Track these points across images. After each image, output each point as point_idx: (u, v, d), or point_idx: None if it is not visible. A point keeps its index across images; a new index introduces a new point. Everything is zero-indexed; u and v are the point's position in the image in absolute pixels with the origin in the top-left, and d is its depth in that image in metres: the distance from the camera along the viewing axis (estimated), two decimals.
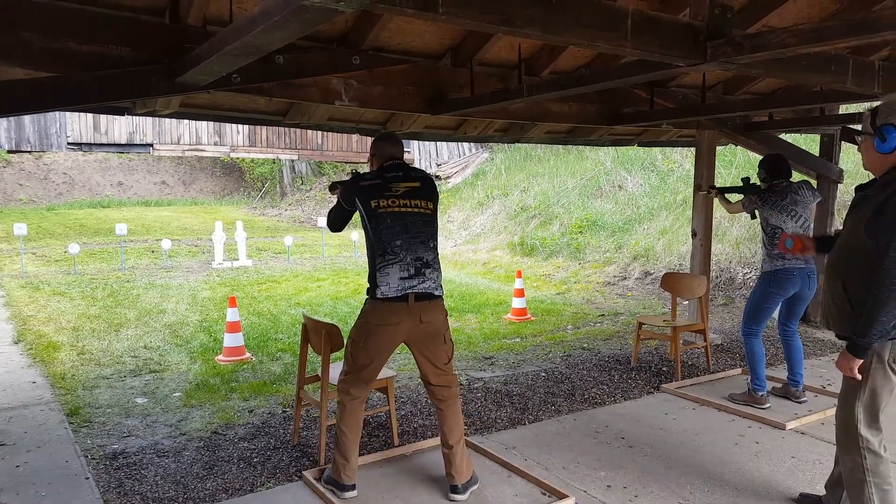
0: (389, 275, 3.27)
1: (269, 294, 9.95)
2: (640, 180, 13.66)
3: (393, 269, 3.27)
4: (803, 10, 4.59)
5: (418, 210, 3.34)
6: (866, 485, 2.83)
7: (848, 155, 9.29)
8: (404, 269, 3.27)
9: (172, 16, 3.47)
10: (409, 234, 3.29)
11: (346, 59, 4.04)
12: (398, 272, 3.27)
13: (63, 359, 6.21)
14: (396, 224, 3.28)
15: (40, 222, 19.97)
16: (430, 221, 3.39)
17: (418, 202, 3.36)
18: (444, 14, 2.09)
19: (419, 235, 3.32)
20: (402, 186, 3.35)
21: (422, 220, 3.35)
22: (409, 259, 3.28)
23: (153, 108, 4.32)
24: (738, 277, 9.36)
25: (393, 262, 3.27)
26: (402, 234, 3.28)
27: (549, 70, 4.87)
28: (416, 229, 3.31)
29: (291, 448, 4.14)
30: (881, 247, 2.64)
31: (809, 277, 4.71)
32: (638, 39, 2.52)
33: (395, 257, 3.27)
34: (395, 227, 3.28)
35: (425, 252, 3.33)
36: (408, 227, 3.30)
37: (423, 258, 3.31)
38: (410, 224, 3.31)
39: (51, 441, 4.23)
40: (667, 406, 4.90)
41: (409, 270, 3.28)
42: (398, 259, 3.27)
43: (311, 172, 26.27)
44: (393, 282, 3.27)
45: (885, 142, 2.78)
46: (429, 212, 3.39)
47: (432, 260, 3.36)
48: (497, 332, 7.43)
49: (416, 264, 3.29)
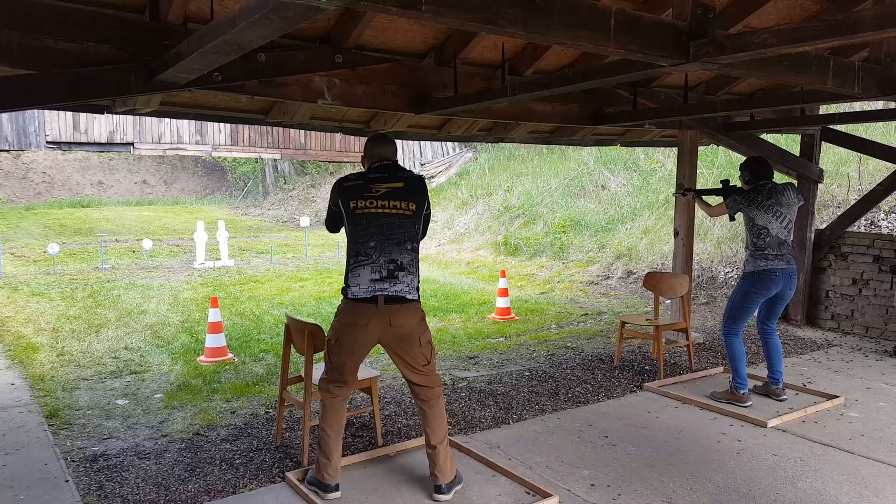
0: (360, 276, 3.28)
1: (252, 294, 9.89)
2: (623, 180, 13.73)
3: (364, 270, 3.27)
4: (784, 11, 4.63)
5: (396, 211, 3.31)
6: None
7: (828, 155, 9.41)
8: (376, 270, 3.27)
9: (152, 13, 3.43)
10: (384, 235, 3.28)
11: (328, 57, 4.01)
12: (369, 273, 3.27)
13: (42, 360, 6.12)
14: (372, 226, 3.27)
15: (19, 222, 19.71)
16: (409, 223, 3.35)
17: (398, 203, 3.32)
18: (428, 13, 2.08)
19: (394, 237, 3.30)
20: (384, 187, 3.33)
21: (399, 221, 3.31)
22: (381, 261, 3.27)
23: (133, 106, 4.27)
24: (720, 276, 9.43)
25: (365, 263, 3.27)
26: (377, 236, 3.27)
27: (533, 70, 4.87)
28: (391, 231, 3.29)
29: (274, 449, 4.11)
30: None
31: (791, 278, 4.75)
32: (621, 39, 2.52)
33: (367, 259, 3.27)
34: (371, 228, 3.27)
35: (400, 254, 3.31)
36: (383, 229, 3.28)
37: (397, 260, 3.29)
38: (386, 225, 3.29)
39: (30, 443, 4.16)
40: (650, 404, 4.92)
41: (380, 272, 3.27)
42: (370, 261, 3.27)
43: (293, 172, 26.15)
44: (363, 283, 3.27)
45: None
46: (408, 213, 3.34)
47: (408, 263, 3.33)
48: (481, 332, 7.43)
49: (388, 266, 3.28)
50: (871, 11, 2.40)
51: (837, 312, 7.35)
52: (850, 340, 6.95)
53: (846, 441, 4.21)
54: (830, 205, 9.11)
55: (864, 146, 7.29)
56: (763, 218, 4.70)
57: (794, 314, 7.48)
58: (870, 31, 2.40)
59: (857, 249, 7.16)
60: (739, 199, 4.81)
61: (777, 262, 4.69)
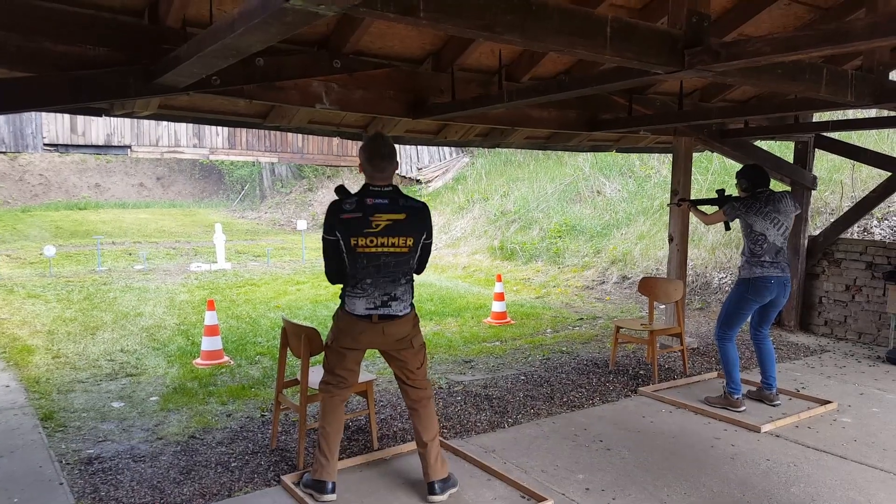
0: (356, 304, 3.38)
1: (248, 297, 9.88)
2: (619, 186, 13.77)
3: (360, 301, 3.38)
4: (778, 20, 4.68)
5: (394, 249, 3.31)
6: None
7: (821, 162, 9.47)
8: (371, 301, 3.37)
9: (151, 17, 3.44)
10: (381, 273, 3.34)
11: (327, 62, 4.04)
12: (364, 304, 3.37)
13: (37, 362, 6.12)
14: (370, 265, 3.32)
15: (15, 224, 19.66)
16: (405, 260, 3.37)
17: (395, 240, 3.29)
18: (426, 19, 2.10)
19: (390, 275, 3.36)
20: (384, 220, 3.27)
21: (395, 259, 3.33)
22: (376, 294, 3.37)
23: (132, 109, 4.28)
24: (714, 282, 9.47)
25: (361, 296, 3.37)
26: (374, 275, 3.34)
27: (530, 76, 4.90)
28: (388, 269, 3.35)
29: (270, 452, 4.11)
30: None
31: (785, 286, 4.79)
32: (617, 46, 2.55)
33: (363, 292, 3.36)
34: (369, 267, 3.32)
35: (394, 288, 3.39)
36: (380, 269, 3.33)
37: (390, 293, 3.38)
38: (384, 265, 3.33)
39: (24, 446, 4.16)
40: (644, 409, 4.94)
41: (374, 303, 3.37)
42: (366, 294, 3.36)
43: (291, 175, 26.15)
44: (358, 309, 3.38)
45: None
46: (405, 250, 3.33)
47: (401, 293, 3.42)
48: (477, 336, 7.45)
49: (382, 298, 3.38)
50: (863, 21, 2.43)
51: (831, 318, 7.38)
52: (843, 346, 6.98)
53: (839, 446, 4.23)
54: (824, 211, 9.16)
55: (858, 153, 7.34)
56: (761, 224, 4.72)
57: (788, 320, 7.52)
58: (862, 41, 2.43)
59: (851, 256, 7.20)
60: (738, 206, 4.82)
61: (773, 269, 4.72)
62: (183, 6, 3.37)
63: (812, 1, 4.53)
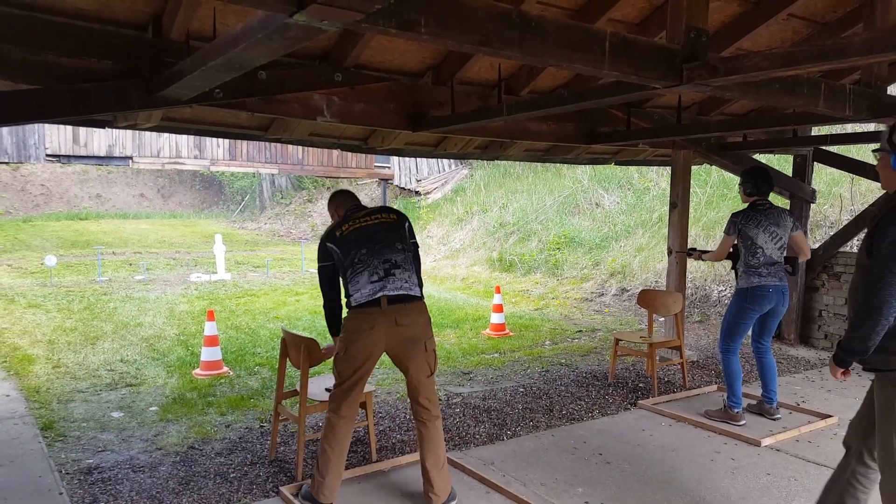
0: (360, 282, 3.35)
1: (248, 308, 9.89)
2: (617, 198, 13.81)
3: (362, 275, 3.36)
4: (777, 35, 4.72)
5: (379, 220, 3.50)
6: None
7: (820, 175, 9.50)
8: (373, 272, 3.35)
9: (155, 30, 3.48)
10: (373, 241, 3.41)
11: (328, 75, 4.07)
12: (368, 277, 3.35)
13: (38, 372, 6.12)
14: (360, 237, 3.42)
15: (16, 234, 19.68)
16: (394, 227, 3.51)
17: (379, 215, 3.54)
18: (426, 35, 2.13)
19: (384, 240, 3.43)
20: (362, 214, 3.55)
21: (384, 227, 3.48)
22: (376, 262, 3.37)
23: (134, 121, 4.30)
24: (714, 295, 9.47)
25: (361, 269, 3.36)
26: (367, 243, 3.40)
27: (529, 89, 4.94)
28: (379, 236, 3.44)
29: (268, 463, 4.11)
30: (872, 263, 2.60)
31: (784, 294, 4.80)
32: (615, 61, 2.57)
33: (362, 265, 3.37)
34: (360, 239, 3.41)
35: (392, 253, 3.42)
36: (371, 236, 3.42)
37: (390, 259, 3.40)
38: (373, 232, 3.44)
39: (24, 455, 4.16)
40: (644, 422, 4.94)
41: (378, 273, 3.36)
42: (365, 265, 3.36)
43: (291, 186, 26.21)
44: (364, 287, 3.34)
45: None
46: (392, 220, 3.53)
47: (402, 260, 3.43)
48: (476, 348, 7.45)
49: (384, 266, 3.38)
50: (861, 37, 2.46)
51: (831, 332, 7.38)
52: None
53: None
54: (823, 224, 9.18)
55: (857, 167, 7.36)
56: (761, 237, 4.73)
57: (788, 333, 7.52)
58: (859, 56, 2.46)
59: (850, 269, 7.21)
60: (739, 220, 4.80)
61: (770, 278, 4.74)
62: (186, 20, 3.40)
63: (810, 16, 4.57)
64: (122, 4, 3.31)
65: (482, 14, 2.23)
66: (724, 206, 11.12)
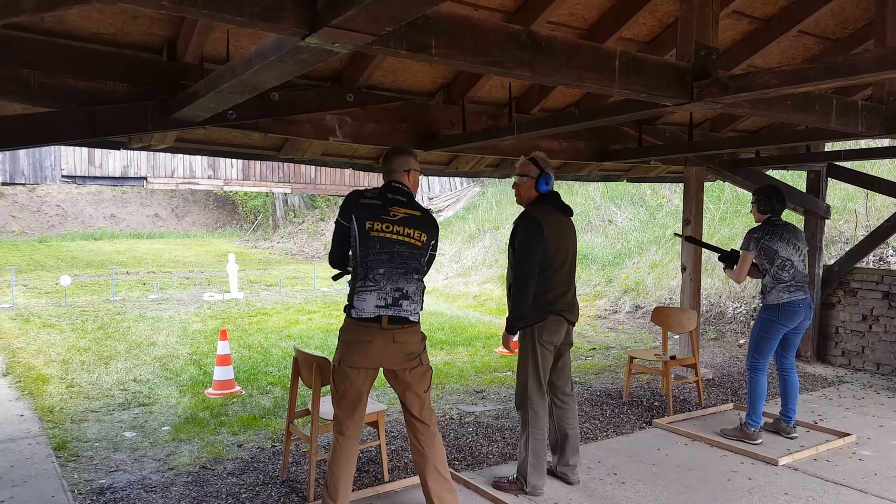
0: (366, 300, 3.26)
1: (260, 327, 9.91)
2: (630, 215, 13.77)
3: (370, 296, 3.26)
4: (787, 51, 4.72)
5: (409, 240, 3.33)
6: (527, 432, 3.87)
7: (835, 191, 9.44)
8: (381, 298, 3.26)
9: (170, 53, 3.53)
10: (394, 264, 3.28)
11: (340, 96, 4.11)
12: (375, 300, 3.26)
13: (52, 392, 6.15)
14: (384, 252, 3.27)
15: (32, 254, 19.89)
16: (418, 254, 3.37)
17: (412, 231, 3.35)
18: (437, 56, 2.14)
19: (403, 267, 3.31)
20: (402, 212, 3.35)
21: (409, 251, 3.33)
22: (388, 288, 3.27)
23: (149, 142, 4.36)
24: (729, 312, 9.40)
25: (372, 289, 3.26)
26: (387, 264, 3.27)
27: (539, 108, 4.96)
28: (401, 260, 3.30)
29: (280, 484, 4.10)
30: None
31: (810, 308, 4.76)
32: (625, 80, 2.58)
33: (374, 285, 3.27)
34: (382, 254, 3.27)
35: (406, 283, 3.31)
36: (393, 258, 3.29)
37: (403, 289, 3.30)
38: (397, 254, 3.30)
39: (37, 475, 4.17)
40: (659, 441, 4.88)
41: (385, 300, 3.27)
42: (377, 287, 3.26)
43: (303, 205, 26.37)
44: (368, 307, 3.26)
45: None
46: (419, 244, 3.37)
47: (413, 292, 3.34)
48: (488, 366, 7.42)
49: (394, 294, 3.28)
50: (871, 54, 2.46)
51: (848, 349, 7.30)
52: (861, 377, 6.89)
53: (859, 480, 4.16)
54: (838, 240, 9.10)
55: (871, 182, 7.31)
56: (786, 250, 4.69)
57: (805, 350, 7.43)
58: (870, 73, 2.45)
59: (867, 286, 7.14)
60: (759, 235, 4.73)
61: (798, 293, 4.70)
62: (200, 43, 3.45)
63: (821, 32, 4.58)
64: (138, 29, 3.36)
65: (492, 36, 2.25)
66: (737, 222, 11.06)
